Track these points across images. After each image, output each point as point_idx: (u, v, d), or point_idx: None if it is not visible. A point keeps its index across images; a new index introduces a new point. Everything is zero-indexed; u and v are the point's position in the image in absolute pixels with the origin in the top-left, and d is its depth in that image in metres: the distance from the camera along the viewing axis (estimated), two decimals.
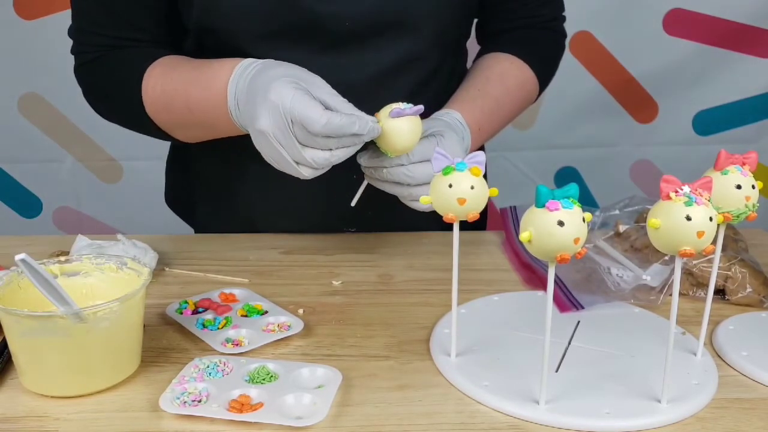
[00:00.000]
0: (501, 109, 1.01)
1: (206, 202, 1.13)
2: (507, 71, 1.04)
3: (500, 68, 1.04)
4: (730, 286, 0.88)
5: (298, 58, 0.96)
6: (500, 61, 1.05)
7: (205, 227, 1.15)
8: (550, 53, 1.11)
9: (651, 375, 0.72)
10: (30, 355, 0.69)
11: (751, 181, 0.68)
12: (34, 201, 1.95)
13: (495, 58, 1.06)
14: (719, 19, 1.80)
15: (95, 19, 0.96)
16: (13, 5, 1.75)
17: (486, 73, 1.03)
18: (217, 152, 1.03)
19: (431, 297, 0.89)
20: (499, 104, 1.01)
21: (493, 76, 1.03)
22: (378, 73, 0.97)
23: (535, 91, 1.08)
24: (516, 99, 1.04)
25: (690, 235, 0.60)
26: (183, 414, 0.65)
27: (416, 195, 0.85)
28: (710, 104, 1.89)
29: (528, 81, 1.05)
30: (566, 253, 0.60)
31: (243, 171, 1.06)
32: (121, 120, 1.02)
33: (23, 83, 1.83)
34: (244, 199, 1.09)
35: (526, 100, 1.07)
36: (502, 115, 1.02)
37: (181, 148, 1.12)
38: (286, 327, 0.80)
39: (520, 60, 1.04)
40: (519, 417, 0.67)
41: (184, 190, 1.16)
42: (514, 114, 1.06)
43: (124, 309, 0.69)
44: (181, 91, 0.89)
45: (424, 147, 0.84)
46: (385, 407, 0.68)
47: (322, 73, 0.94)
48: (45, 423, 0.66)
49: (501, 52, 1.06)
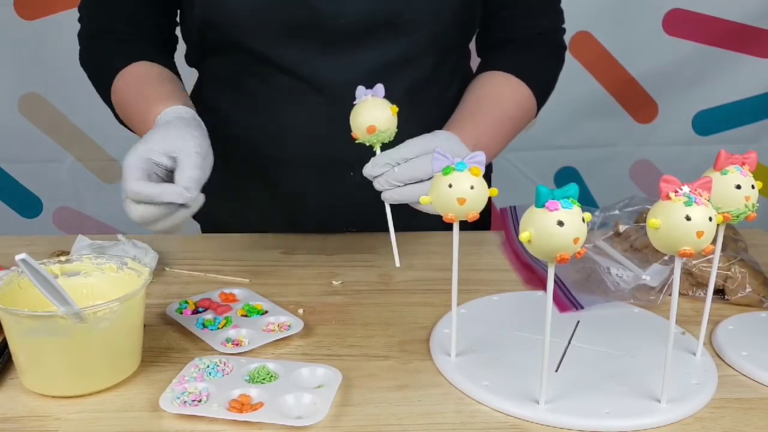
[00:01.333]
0: (499, 129, 1.00)
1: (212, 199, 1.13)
2: (504, 91, 1.02)
3: (497, 89, 1.03)
4: (729, 286, 0.88)
5: (296, 56, 0.96)
6: (496, 80, 1.03)
7: (212, 224, 1.16)
8: (549, 69, 1.09)
9: (651, 375, 0.72)
10: (30, 355, 0.69)
11: (750, 181, 0.68)
12: (34, 201, 1.95)
13: (491, 78, 1.04)
14: (719, 19, 1.80)
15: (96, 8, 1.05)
16: (13, 5, 1.75)
17: (481, 93, 1.02)
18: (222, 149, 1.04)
19: (431, 297, 0.89)
20: (497, 125, 0.99)
21: (489, 96, 1.01)
22: (375, 72, 0.97)
23: (534, 109, 1.06)
24: (513, 118, 1.02)
25: (690, 235, 0.60)
26: (183, 414, 0.65)
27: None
28: (710, 104, 1.89)
29: (525, 99, 1.03)
30: (566, 253, 0.60)
31: (245, 169, 1.07)
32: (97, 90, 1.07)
33: (23, 83, 1.83)
34: (246, 196, 1.09)
35: (524, 119, 1.05)
36: (500, 135, 1.00)
37: None
38: (286, 327, 0.80)
39: (517, 78, 1.02)
40: (519, 417, 0.67)
41: None
42: (514, 134, 1.04)
43: (124, 309, 0.69)
44: (132, 105, 0.97)
45: (421, 139, 0.84)
46: (385, 407, 0.68)
47: (319, 71, 0.95)
48: (45, 423, 0.66)
49: (498, 71, 1.04)
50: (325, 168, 1.02)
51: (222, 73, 1.06)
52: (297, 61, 0.97)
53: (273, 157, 1.04)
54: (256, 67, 0.99)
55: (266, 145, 1.04)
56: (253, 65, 0.99)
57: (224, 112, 1.06)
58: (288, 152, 1.03)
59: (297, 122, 1.01)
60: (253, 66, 0.99)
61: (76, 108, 1.84)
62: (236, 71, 1.03)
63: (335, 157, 0.99)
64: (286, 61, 0.97)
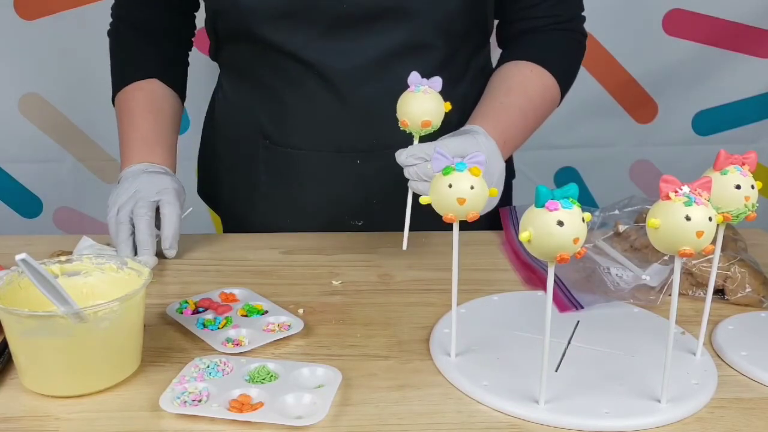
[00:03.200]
0: (525, 120, 1.00)
1: (228, 193, 1.18)
2: (528, 80, 1.03)
3: (520, 77, 1.03)
4: (729, 286, 0.88)
5: (299, 42, 0.97)
6: (520, 69, 1.04)
7: (228, 216, 1.21)
8: (571, 56, 1.10)
9: (650, 375, 0.72)
10: (30, 355, 0.69)
11: (750, 181, 0.68)
12: (34, 201, 1.95)
13: (515, 68, 1.04)
14: (719, 19, 1.80)
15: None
16: (13, 5, 1.75)
17: (508, 83, 1.02)
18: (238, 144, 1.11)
19: (431, 297, 0.89)
20: (523, 115, 1.00)
21: (514, 86, 1.02)
22: (379, 59, 0.97)
23: (558, 97, 1.06)
24: (539, 107, 1.03)
25: (689, 235, 0.60)
26: (183, 414, 0.65)
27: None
28: (710, 104, 1.89)
29: (549, 88, 1.04)
30: (566, 253, 0.60)
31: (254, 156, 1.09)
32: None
33: (23, 83, 1.83)
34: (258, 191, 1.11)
35: (549, 108, 1.06)
36: (526, 125, 1.01)
37: (209, 141, 1.20)
38: (286, 327, 0.80)
39: (541, 67, 1.03)
40: (519, 417, 0.67)
41: (211, 181, 1.21)
42: (539, 123, 1.05)
43: (124, 309, 0.69)
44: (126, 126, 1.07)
45: (462, 140, 0.86)
46: (385, 407, 0.68)
47: (324, 57, 0.96)
48: (45, 423, 0.66)
49: (521, 60, 1.04)
50: (331, 156, 1.03)
51: (233, 63, 1.09)
52: (301, 47, 0.98)
53: (280, 143, 1.05)
54: (264, 56, 1.01)
55: (273, 132, 1.05)
56: (261, 54, 1.01)
57: (238, 101, 1.09)
58: (294, 139, 1.04)
59: (303, 109, 1.02)
60: (260, 54, 1.01)
61: (76, 108, 1.84)
62: (245, 60, 1.06)
63: (342, 145, 1.00)
64: (289, 47, 0.98)
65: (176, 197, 0.95)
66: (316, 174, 1.06)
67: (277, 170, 1.08)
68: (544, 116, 1.06)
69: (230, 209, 1.19)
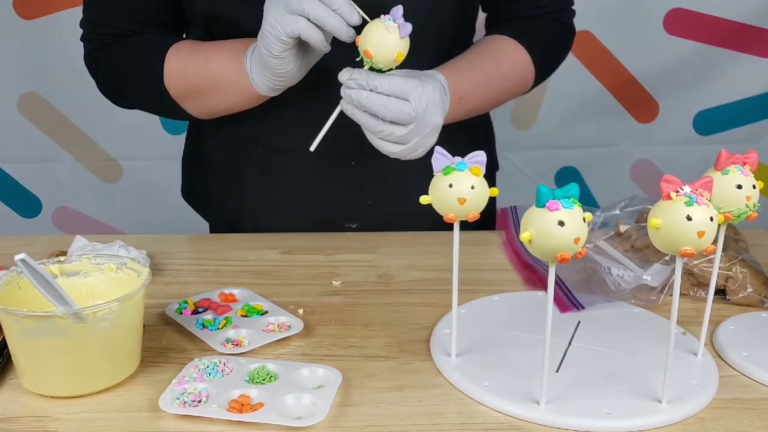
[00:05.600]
0: (488, 83, 1.00)
1: (217, 196, 1.15)
2: (502, 51, 1.03)
3: (495, 47, 1.03)
4: (730, 286, 0.88)
5: None
6: (496, 41, 1.04)
7: (217, 220, 1.18)
8: (552, 41, 1.10)
9: (651, 375, 0.72)
10: (30, 355, 0.69)
11: (751, 180, 0.68)
12: (33, 201, 1.95)
13: (492, 39, 1.05)
14: (720, 18, 1.80)
15: (104, 12, 1.01)
16: (13, 5, 1.75)
17: (479, 49, 1.03)
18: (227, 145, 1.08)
19: (431, 297, 0.89)
20: (486, 78, 1.00)
21: (486, 52, 1.02)
22: None
23: (531, 77, 1.06)
24: (507, 78, 1.03)
25: (691, 235, 0.60)
26: (183, 414, 0.65)
27: (386, 132, 0.86)
28: (711, 104, 1.89)
29: (522, 64, 1.04)
30: (566, 253, 0.60)
31: (248, 159, 1.08)
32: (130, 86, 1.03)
33: (23, 83, 1.83)
34: (249, 193, 1.10)
35: (519, 83, 1.05)
36: (488, 90, 1.01)
37: (195, 142, 1.16)
38: (286, 327, 0.80)
39: (517, 42, 1.03)
40: (519, 417, 0.67)
41: (198, 184, 1.19)
42: (503, 94, 1.05)
43: (123, 309, 0.69)
44: (202, 54, 0.95)
45: (407, 82, 0.84)
46: (385, 407, 0.68)
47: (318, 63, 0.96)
48: (45, 423, 0.66)
49: (499, 34, 1.05)
50: (324, 158, 1.02)
51: None
52: None
53: (273, 147, 1.05)
54: None
55: (265, 134, 1.05)
56: None
57: None
58: (287, 142, 1.04)
59: (295, 111, 1.01)
60: None
61: (76, 108, 1.84)
62: None
63: (335, 147, 1.00)
64: None
65: None
66: (308, 177, 1.05)
67: (269, 173, 1.07)
68: (511, 90, 1.05)
69: (219, 213, 1.17)
